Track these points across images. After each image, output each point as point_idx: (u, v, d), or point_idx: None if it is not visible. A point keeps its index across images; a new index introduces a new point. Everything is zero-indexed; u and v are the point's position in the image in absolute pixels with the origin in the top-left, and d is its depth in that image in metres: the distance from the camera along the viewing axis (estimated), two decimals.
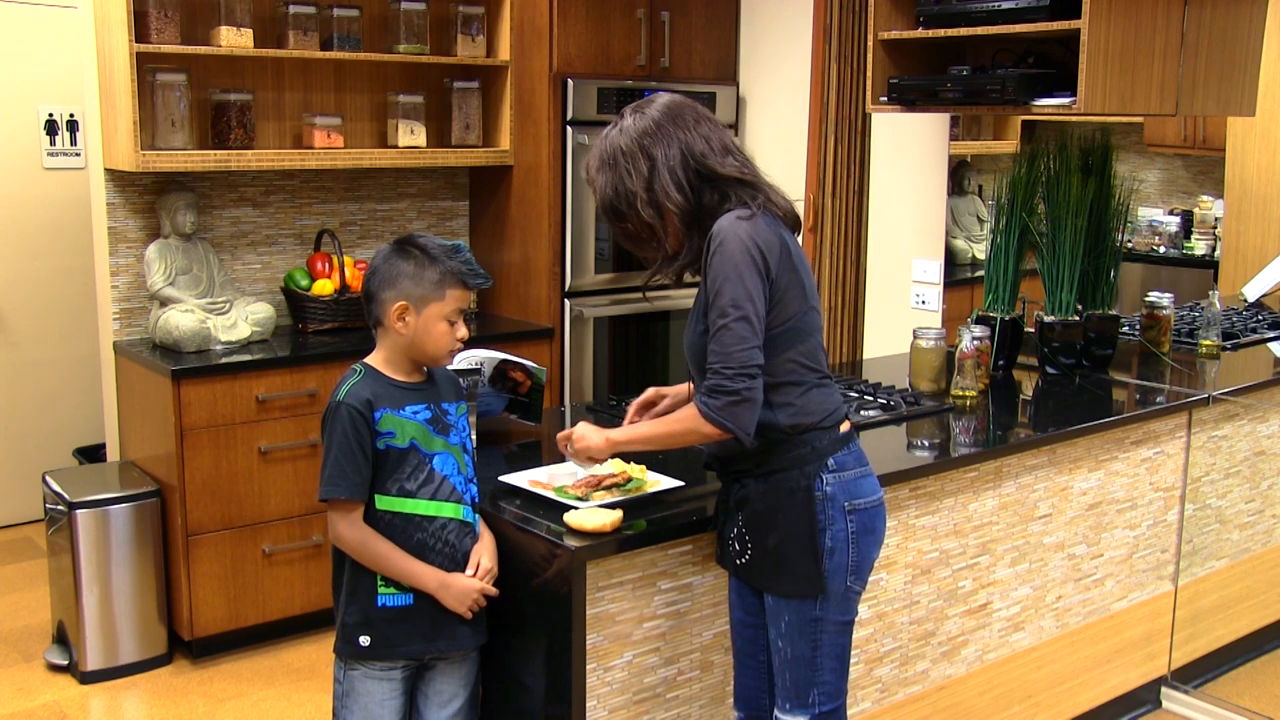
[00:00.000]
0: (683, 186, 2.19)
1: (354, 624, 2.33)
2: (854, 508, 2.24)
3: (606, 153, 2.24)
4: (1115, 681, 3.47)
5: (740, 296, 2.11)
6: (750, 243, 2.13)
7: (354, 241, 4.58)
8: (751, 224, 2.15)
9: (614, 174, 2.22)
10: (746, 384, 2.12)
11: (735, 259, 2.12)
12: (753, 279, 2.12)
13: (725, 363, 2.12)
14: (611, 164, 2.22)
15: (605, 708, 2.35)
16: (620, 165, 2.21)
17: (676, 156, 2.19)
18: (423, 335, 2.31)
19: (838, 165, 4.40)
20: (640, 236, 2.26)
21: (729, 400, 2.12)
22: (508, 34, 4.50)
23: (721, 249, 2.13)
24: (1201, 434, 3.52)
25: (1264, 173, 4.01)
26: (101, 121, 3.99)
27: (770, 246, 2.15)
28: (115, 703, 3.67)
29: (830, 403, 2.27)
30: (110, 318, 4.11)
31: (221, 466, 3.79)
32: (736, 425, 2.14)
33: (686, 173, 2.19)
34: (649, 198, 2.19)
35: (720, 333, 2.13)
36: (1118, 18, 3.15)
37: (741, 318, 2.11)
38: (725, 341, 2.12)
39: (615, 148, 2.22)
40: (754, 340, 2.12)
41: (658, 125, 2.20)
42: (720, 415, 2.13)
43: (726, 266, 2.12)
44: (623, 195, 2.21)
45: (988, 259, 3.69)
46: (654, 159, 2.19)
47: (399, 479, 2.29)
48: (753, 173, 2.24)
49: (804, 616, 2.24)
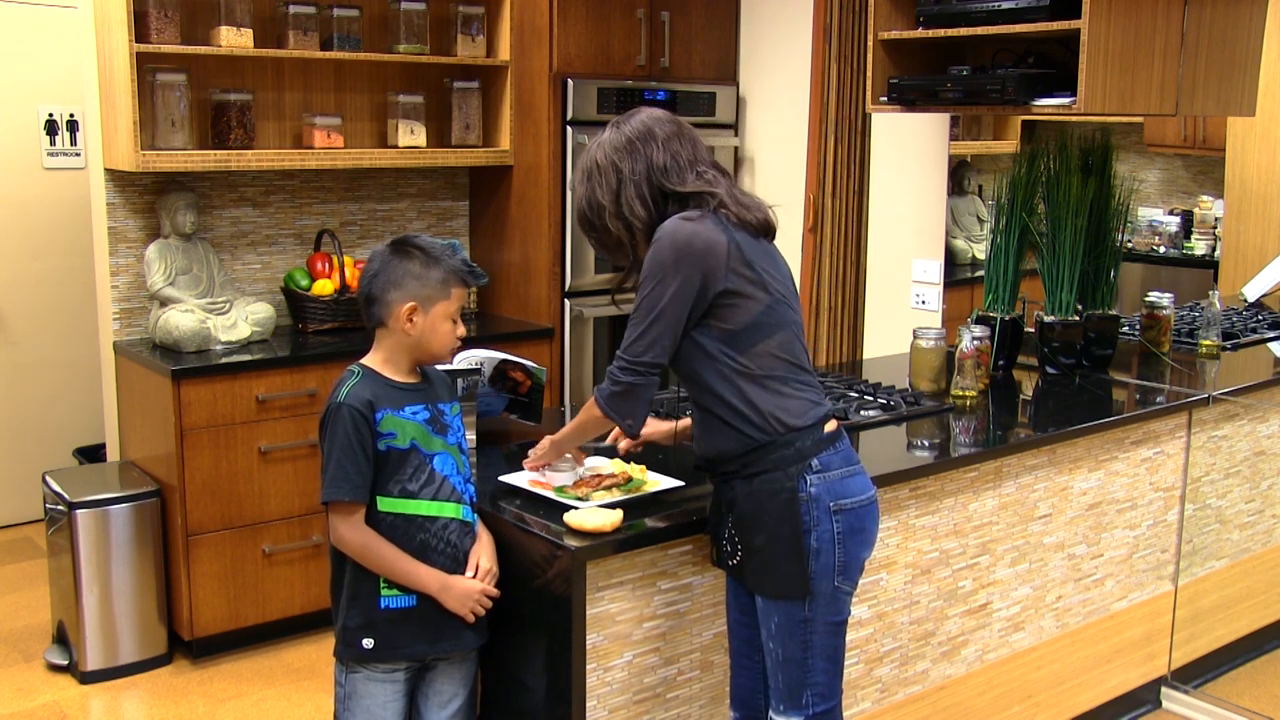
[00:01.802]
0: (645, 201, 2.28)
1: (357, 627, 2.32)
2: (840, 508, 2.24)
3: (586, 166, 2.35)
4: (1115, 681, 3.47)
5: (655, 295, 2.20)
6: (682, 242, 2.19)
7: (354, 241, 4.58)
8: (692, 224, 2.21)
9: (588, 187, 2.33)
10: (633, 378, 2.23)
11: (661, 258, 2.20)
12: (674, 278, 2.18)
13: (624, 355, 2.24)
14: (586, 177, 2.34)
15: (605, 708, 2.35)
16: (594, 178, 2.32)
17: (642, 172, 2.28)
18: (430, 334, 2.33)
19: (838, 165, 4.40)
20: (610, 245, 2.36)
21: (614, 391, 2.25)
22: (508, 34, 4.50)
23: (655, 247, 2.22)
24: (1201, 434, 3.52)
25: (1264, 173, 4.01)
26: (101, 121, 3.99)
27: (711, 245, 2.19)
28: (115, 703, 3.67)
29: (810, 402, 2.27)
30: (110, 318, 4.11)
31: (221, 466, 3.79)
32: (617, 414, 2.27)
33: (650, 188, 2.28)
34: (615, 210, 2.29)
35: (629, 326, 2.23)
36: (1118, 18, 3.15)
37: (649, 315, 2.20)
38: (628, 336, 2.23)
39: (592, 161, 2.33)
40: (652, 336, 2.21)
41: (629, 142, 2.29)
42: (606, 403, 2.27)
43: (651, 265, 2.21)
44: (594, 207, 2.32)
45: (988, 259, 3.69)
46: (621, 174, 2.29)
47: (400, 480, 2.29)
48: (720, 186, 2.28)
49: (793, 618, 2.24)
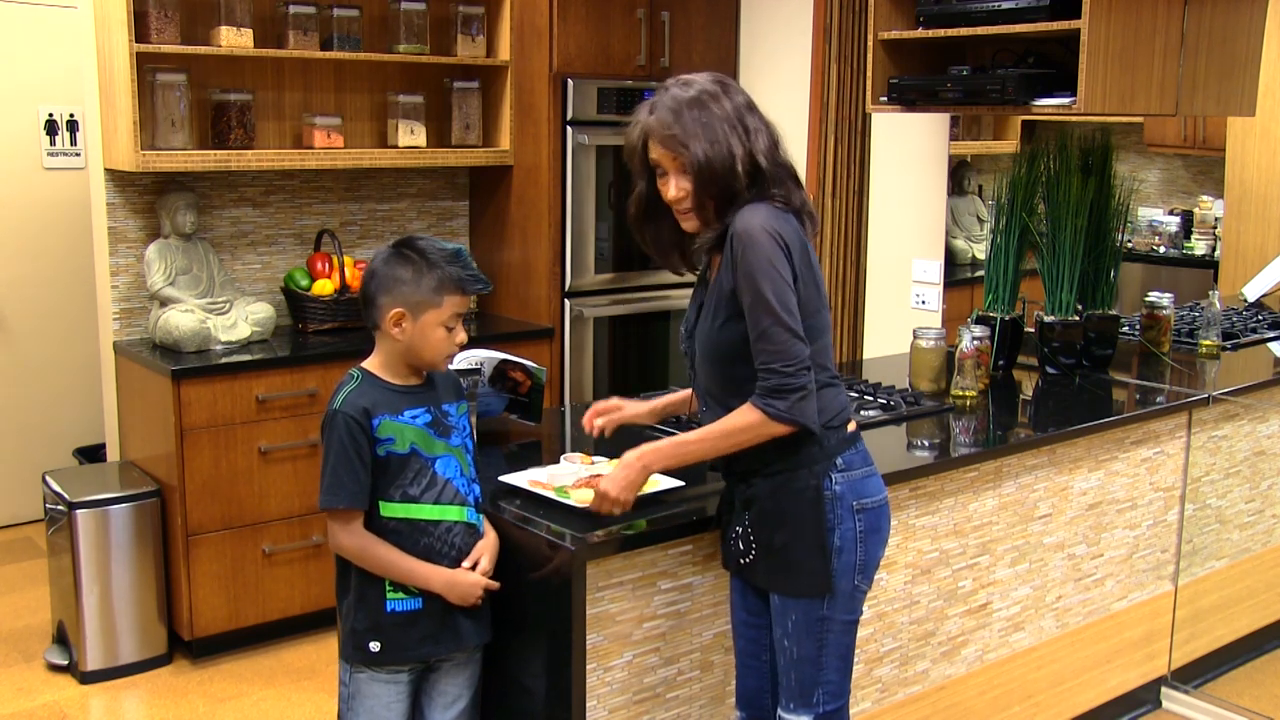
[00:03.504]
0: (761, 165, 2.16)
1: (363, 630, 2.32)
2: (862, 507, 2.24)
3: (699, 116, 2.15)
4: (1115, 681, 3.47)
5: (780, 291, 2.10)
6: (779, 238, 2.13)
7: (354, 241, 4.58)
8: (778, 219, 2.15)
9: (721, 131, 2.14)
10: (807, 378, 2.12)
11: (768, 254, 2.11)
12: (787, 273, 2.12)
13: (784, 360, 2.10)
14: (706, 125, 2.14)
15: (605, 708, 2.35)
16: (718, 129, 2.14)
17: (766, 138, 2.19)
18: (419, 342, 2.30)
19: (838, 165, 4.40)
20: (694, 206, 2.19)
21: (797, 397, 2.11)
22: (508, 34, 4.50)
23: (752, 244, 2.11)
24: (1201, 434, 3.52)
25: (1264, 173, 4.01)
26: (101, 121, 3.99)
27: (794, 244, 2.15)
28: (115, 703, 3.67)
29: (839, 402, 2.27)
30: (110, 318, 4.11)
31: (221, 466, 3.79)
32: (807, 420, 2.14)
33: (772, 154, 2.19)
34: (750, 163, 2.15)
35: (770, 330, 2.10)
36: (1118, 18, 3.15)
37: (788, 312, 2.11)
38: (777, 339, 2.10)
39: (708, 112, 2.15)
40: (800, 334, 2.12)
41: (749, 105, 2.19)
42: (791, 414, 2.12)
43: (761, 262, 2.10)
44: (726, 156, 2.14)
45: (988, 259, 3.69)
46: (749, 130, 2.17)
47: (402, 485, 2.29)
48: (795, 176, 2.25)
49: (811, 616, 2.24)
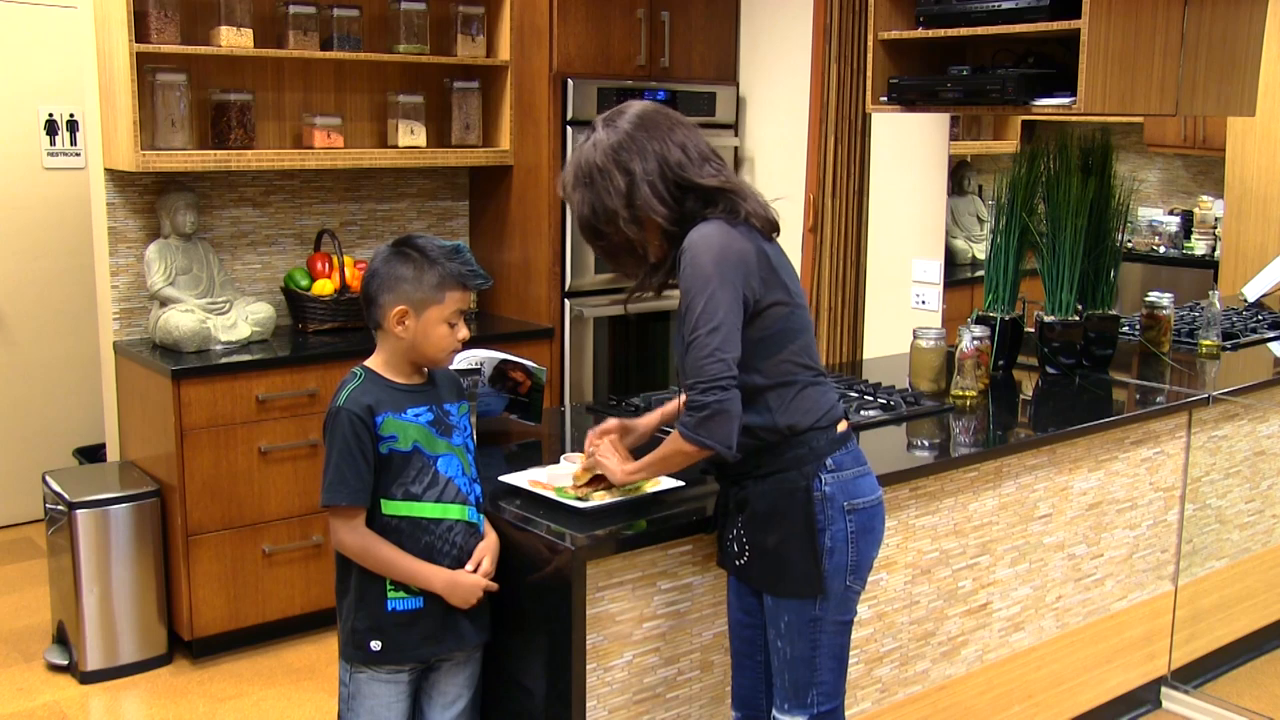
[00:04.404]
0: (664, 199, 2.14)
1: (364, 629, 2.32)
2: (853, 507, 2.24)
3: (582, 170, 2.18)
4: (1115, 681, 3.47)
5: (711, 308, 2.07)
6: (721, 252, 2.10)
7: (354, 241, 4.58)
8: (724, 233, 2.12)
9: (591, 192, 2.16)
10: (718, 396, 2.08)
11: (705, 270, 2.08)
12: (725, 289, 2.08)
13: (697, 377, 2.09)
14: (588, 181, 2.16)
15: (605, 708, 2.35)
16: (597, 183, 2.15)
17: (654, 169, 2.14)
18: (422, 339, 2.30)
19: (838, 165, 4.40)
20: (619, 252, 2.22)
21: (702, 416, 2.09)
22: (508, 34, 4.50)
23: (692, 261, 2.10)
24: (1201, 434, 3.52)
25: (1264, 173, 4.01)
26: (101, 121, 3.99)
27: (744, 254, 2.13)
28: (115, 703, 3.67)
29: (826, 402, 2.27)
30: (110, 318, 4.11)
31: (221, 466, 3.79)
32: (713, 440, 2.10)
33: (666, 184, 2.14)
34: (630, 214, 2.15)
35: (691, 347, 2.09)
36: (1118, 18, 3.15)
37: (711, 329, 2.07)
38: (695, 356, 2.08)
39: (590, 164, 2.16)
40: (725, 351, 2.08)
41: (630, 137, 2.14)
42: (696, 433, 2.10)
43: (696, 279, 2.09)
44: (601, 213, 2.16)
45: (988, 259, 3.69)
46: (632, 173, 2.14)
47: (404, 483, 2.29)
48: (733, 179, 2.21)
49: (804, 616, 2.24)
